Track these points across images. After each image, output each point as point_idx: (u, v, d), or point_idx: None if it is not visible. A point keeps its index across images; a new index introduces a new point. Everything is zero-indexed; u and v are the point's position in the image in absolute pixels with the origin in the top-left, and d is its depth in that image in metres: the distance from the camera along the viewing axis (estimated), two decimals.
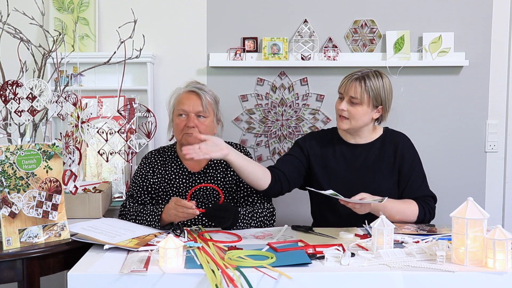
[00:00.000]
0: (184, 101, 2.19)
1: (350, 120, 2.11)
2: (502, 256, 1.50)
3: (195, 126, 2.15)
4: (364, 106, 2.09)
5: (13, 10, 2.11)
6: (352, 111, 2.10)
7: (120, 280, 1.49)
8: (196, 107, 2.18)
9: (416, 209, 2.07)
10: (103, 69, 2.28)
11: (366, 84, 2.08)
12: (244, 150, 2.28)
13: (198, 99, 2.19)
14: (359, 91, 2.08)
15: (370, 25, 2.77)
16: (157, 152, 2.30)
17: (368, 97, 2.08)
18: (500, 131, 2.82)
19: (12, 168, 1.73)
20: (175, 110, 2.22)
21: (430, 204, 2.12)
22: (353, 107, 2.10)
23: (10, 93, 1.91)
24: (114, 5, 2.77)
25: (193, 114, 2.17)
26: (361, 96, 2.07)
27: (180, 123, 2.18)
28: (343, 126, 2.14)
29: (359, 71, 2.13)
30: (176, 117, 2.20)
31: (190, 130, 2.15)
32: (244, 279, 1.46)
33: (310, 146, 2.23)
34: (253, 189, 2.16)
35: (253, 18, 2.79)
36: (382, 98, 2.11)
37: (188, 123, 2.16)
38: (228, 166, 2.21)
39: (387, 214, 1.76)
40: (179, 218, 1.95)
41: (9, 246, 1.71)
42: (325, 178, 2.18)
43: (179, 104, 2.20)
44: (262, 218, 2.10)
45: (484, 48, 2.78)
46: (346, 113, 2.11)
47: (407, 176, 2.13)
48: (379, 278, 1.51)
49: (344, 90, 2.12)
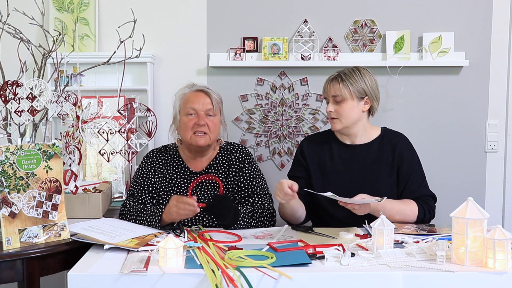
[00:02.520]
0: (193, 100, 2.18)
1: (340, 119, 2.14)
2: (502, 256, 1.50)
3: (205, 124, 2.15)
4: (349, 101, 2.12)
5: (13, 10, 2.11)
6: (339, 109, 2.13)
7: (120, 280, 1.49)
8: (206, 105, 2.17)
9: (416, 209, 2.07)
10: (103, 69, 2.28)
11: (343, 80, 2.13)
12: (245, 150, 2.28)
13: (207, 97, 2.19)
14: (338, 88, 2.12)
15: (370, 25, 2.77)
16: (159, 151, 2.29)
17: (348, 91, 2.11)
18: (500, 131, 2.82)
19: (12, 168, 1.73)
20: (182, 109, 2.19)
21: (430, 203, 2.12)
22: (339, 105, 2.13)
23: (10, 93, 1.91)
24: (114, 5, 2.77)
25: (203, 112, 2.16)
26: (342, 92, 2.12)
27: (189, 122, 2.16)
28: (336, 127, 2.17)
29: (336, 72, 2.20)
30: (185, 116, 2.17)
31: (201, 128, 2.14)
32: (244, 279, 1.46)
33: (308, 153, 2.24)
34: (253, 189, 2.17)
35: (253, 18, 2.79)
36: (364, 88, 2.14)
37: (198, 121, 2.14)
38: (230, 166, 2.21)
39: (387, 215, 1.76)
40: (181, 216, 1.94)
41: (9, 246, 1.71)
42: (323, 180, 2.18)
43: (187, 103, 2.18)
44: (262, 218, 2.10)
45: (484, 48, 2.78)
46: (335, 114, 2.15)
47: (406, 177, 2.13)
48: (379, 278, 1.51)
49: (326, 92, 2.18)
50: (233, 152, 2.25)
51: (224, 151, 2.26)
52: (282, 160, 2.84)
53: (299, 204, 2.12)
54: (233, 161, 2.23)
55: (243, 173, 2.21)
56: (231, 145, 2.30)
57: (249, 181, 2.20)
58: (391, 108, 2.79)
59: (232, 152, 2.26)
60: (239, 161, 2.23)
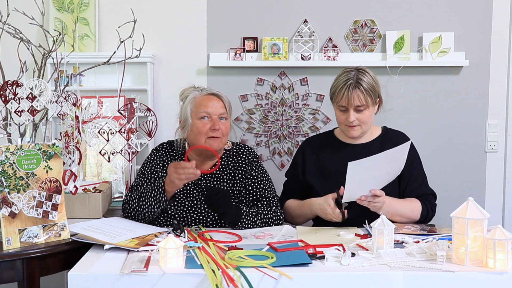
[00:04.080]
0: (207, 104, 2.15)
1: (361, 126, 2.11)
2: (502, 256, 1.50)
3: (219, 128, 2.13)
4: (370, 108, 2.10)
5: (13, 10, 2.11)
6: (361, 117, 2.09)
7: (120, 280, 1.49)
8: (219, 109, 2.16)
9: (420, 207, 2.10)
10: (103, 69, 2.28)
11: (363, 87, 2.06)
12: (251, 152, 2.25)
13: (220, 101, 2.17)
14: (362, 97, 2.06)
15: (370, 25, 2.77)
16: (168, 145, 2.28)
17: (371, 98, 2.08)
18: (500, 131, 2.82)
19: (12, 168, 1.73)
20: (194, 113, 2.15)
21: (431, 201, 2.15)
22: (361, 113, 2.09)
23: (10, 93, 1.90)
24: (114, 5, 2.77)
25: (216, 116, 2.14)
26: (366, 100, 2.07)
27: (204, 126, 2.13)
28: (356, 134, 2.13)
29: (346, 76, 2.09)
30: (198, 120, 2.14)
31: (215, 133, 2.12)
32: (245, 279, 1.46)
33: (308, 156, 2.24)
34: (261, 193, 2.16)
35: (253, 18, 2.79)
36: (378, 91, 2.13)
37: (213, 126, 2.12)
38: (236, 168, 2.19)
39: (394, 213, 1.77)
40: (183, 181, 1.96)
41: (9, 246, 1.71)
42: (324, 181, 2.17)
43: (200, 107, 2.15)
44: (267, 220, 2.08)
45: (484, 48, 2.78)
46: (357, 122, 2.10)
47: (407, 176, 2.13)
48: (379, 278, 1.51)
49: (348, 102, 2.07)
50: (239, 154, 2.23)
51: (230, 152, 2.24)
52: (282, 160, 2.84)
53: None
54: (239, 163, 2.20)
55: (251, 175, 2.18)
56: (237, 145, 2.27)
57: (257, 183, 2.17)
58: (391, 108, 2.79)
59: (238, 153, 2.23)
60: (246, 163, 2.20)
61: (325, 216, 1.99)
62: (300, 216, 2.18)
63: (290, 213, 2.21)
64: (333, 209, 1.96)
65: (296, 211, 2.19)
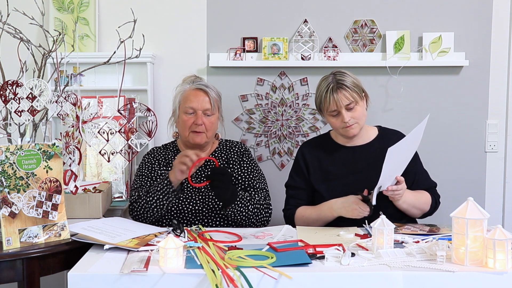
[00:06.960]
0: (192, 98, 2.20)
1: (358, 123, 2.12)
2: (502, 256, 1.50)
3: (202, 123, 2.17)
4: (360, 103, 2.12)
5: (13, 10, 2.11)
6: (355, 115, 2.10)
7: (120, 280, 1.49)
8: (204, 105, 2.19)
9: (430, 199, 2.16)
10: (103, 69, 2.28)
11: (346, 85, 2.07)
12: (243, 146, 2.31)
13: (206, 96, 2.21)
14: (349, 95, 2.07)
15: (370, 25, 2.77)
16: (160, 149, 2.34)
17: (357, 94, 2.09)
18: (500, 131, 2.82)
19: (12, 168, 1.73)
20: (181, 107, 2.23)
21: (436, 192, 2.22)
22: (353, 111, 2.10)
23: (10, 93, 1.90)
24: (114, 5, 2.77)
25: (201, 111, 2.19)
26: (353, 97, 2.08)
27: (188, 120, 2.19)
28: (354, 132, 2.13)
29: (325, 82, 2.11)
30: (183, 114, 2.21)
31: (198, 128, 2.17)
32: (244, 279, 1.46)
33: (310, 159, 2.23)
34: (251, 182, 2.20)
35: (253, 18, 2.79)
36: (360, 86, 2.14)
37: (196, 120, 2.18)
38: (229, 160, 2.25)
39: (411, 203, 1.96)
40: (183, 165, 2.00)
41: (9, 246, 1.71)
42: (327, 184, 2.17)
43: (186, 102, 2.21)
44: (259, 206, 2.13)
45: (484, 48, 2.78)
46: (352, 120, 2.10)
47: (412, 173, 2.13)
48: (379, 278, 1.51)
49: (336, 105, 2.08)
50: (232, 147, 2.30)
51: (223, 146, 2.31)
52: (282, 160, 2.84)
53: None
54: (231, 155, 2.27)
55: (242, 166, 2.24)
56: (229, 141, 2.34)
57: (247, 174, 2.23)
58: (391, 108, 2.79)
59: (231, 147, 2.30)
60: (237, 155, 2.27)
61: (351, 213, 1.98)
62: (317, 220, 2.12)
63: (305, 219, 2.15)
64: (362, 205, 1.96)
65: (312, 216, 2.13)
